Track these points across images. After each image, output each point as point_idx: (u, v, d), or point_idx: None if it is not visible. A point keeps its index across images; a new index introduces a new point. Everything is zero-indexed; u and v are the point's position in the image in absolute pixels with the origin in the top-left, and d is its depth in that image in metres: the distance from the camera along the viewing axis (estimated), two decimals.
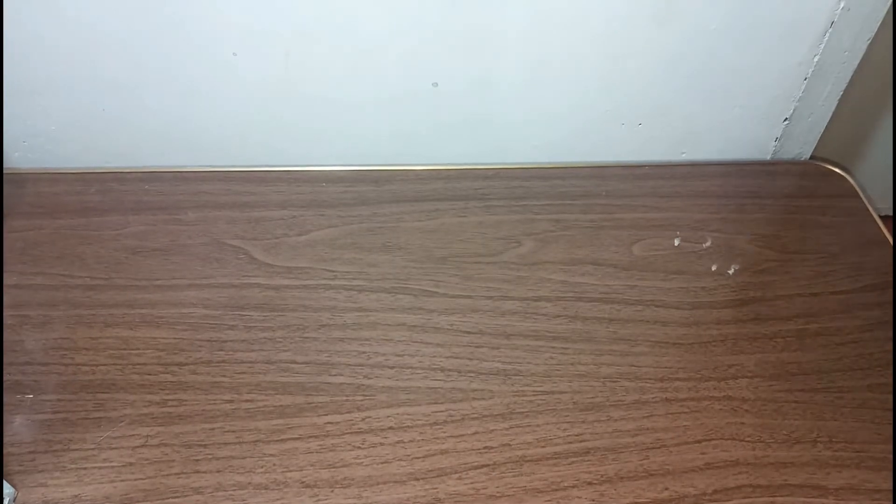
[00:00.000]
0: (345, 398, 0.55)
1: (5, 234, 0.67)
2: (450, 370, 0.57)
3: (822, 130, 0.76)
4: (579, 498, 0.49)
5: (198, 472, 0.50)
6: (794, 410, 0.55)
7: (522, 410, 0.54)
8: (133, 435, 0.52)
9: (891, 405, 0.55)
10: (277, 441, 0.52)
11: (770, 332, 0.60)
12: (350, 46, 0.66)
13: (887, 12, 0.65)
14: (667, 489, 0.50)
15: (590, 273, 0.65)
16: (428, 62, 0.68)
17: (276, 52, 0.66)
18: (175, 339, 0.59)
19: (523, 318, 0.61)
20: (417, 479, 0.50)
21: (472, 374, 0.56)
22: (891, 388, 0.56)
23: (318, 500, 0.49)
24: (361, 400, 0.55)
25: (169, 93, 0.69)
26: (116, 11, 0.62)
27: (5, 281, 0.62)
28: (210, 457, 0.51)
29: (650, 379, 0.56)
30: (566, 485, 0.50)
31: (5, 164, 0.74)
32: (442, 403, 0.54)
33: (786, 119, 0.75)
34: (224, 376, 0.56)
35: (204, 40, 0.65)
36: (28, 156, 0.74)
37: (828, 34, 0.67)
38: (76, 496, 0.49)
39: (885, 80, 0.87)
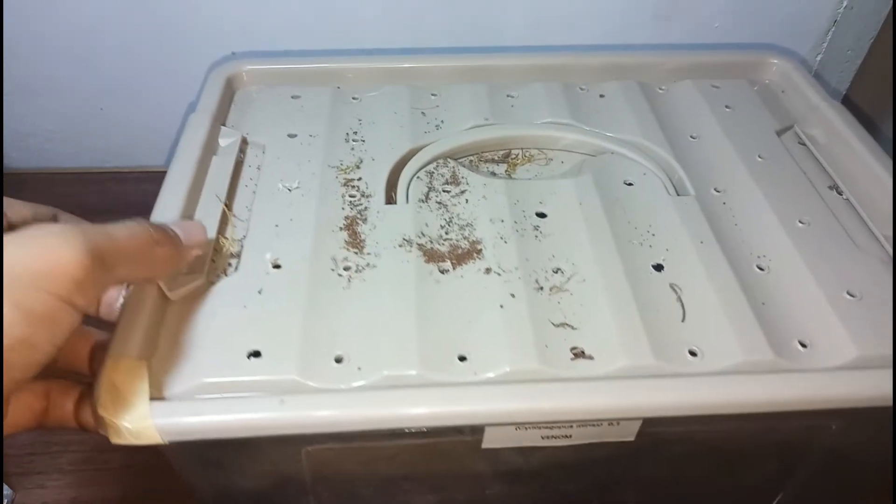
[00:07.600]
0: None
1: None
2: None
3: None
4: None
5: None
6: None
7: None
8: None
9: None
10: None
11: None
12: (351, 42, 0.66)
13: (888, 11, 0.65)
14: None
15: None
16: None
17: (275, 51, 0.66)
18: None
19: None
20: None
21: None
22: None
23: None
24: None
25: (168, 92, 0.69)
26: (115, 10, 0.62)
27: None
28: None
29: None
30: None
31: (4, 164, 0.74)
32: None
33: None
34: None
35: (203, 39, 0.65)
36: (26, 155, 0.73)
37: (830, 33, 0.67)
38: (74, 498, 0.48)
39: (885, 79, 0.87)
